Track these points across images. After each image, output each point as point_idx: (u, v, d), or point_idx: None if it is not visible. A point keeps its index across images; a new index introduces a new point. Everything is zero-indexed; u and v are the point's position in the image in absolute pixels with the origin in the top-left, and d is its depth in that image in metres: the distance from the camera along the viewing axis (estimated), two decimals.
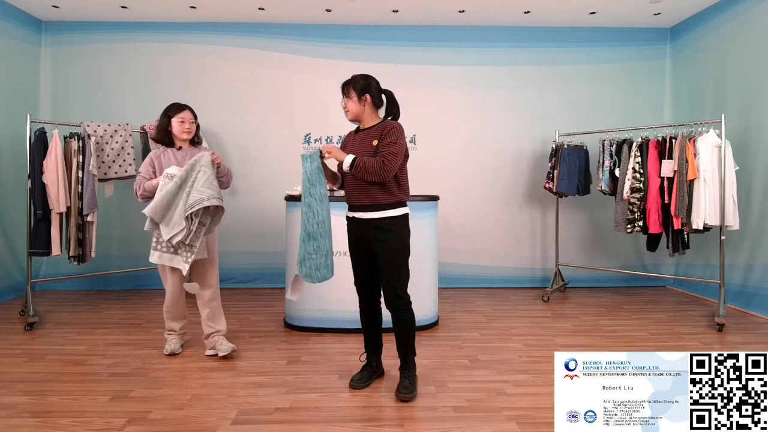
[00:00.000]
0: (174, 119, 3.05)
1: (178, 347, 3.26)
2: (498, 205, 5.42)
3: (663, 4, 4.80)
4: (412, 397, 2.56)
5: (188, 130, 3.08)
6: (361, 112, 2.59)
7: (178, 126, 3.05)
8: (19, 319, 4.01)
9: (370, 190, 2.51)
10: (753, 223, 4.27)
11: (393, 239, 2.52)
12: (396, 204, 2.54)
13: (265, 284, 5.28)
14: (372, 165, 2.42)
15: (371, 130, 2.57)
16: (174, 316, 3.25)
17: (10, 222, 4.65)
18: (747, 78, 4.38)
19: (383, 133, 2.50)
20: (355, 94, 2.56)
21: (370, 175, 2.43)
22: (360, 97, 2.56)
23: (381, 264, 2.55)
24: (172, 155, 3.08)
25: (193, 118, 3.11)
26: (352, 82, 2.59)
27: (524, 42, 5.41)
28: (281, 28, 5.32)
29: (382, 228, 2.52)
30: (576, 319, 4.14)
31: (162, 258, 3.00)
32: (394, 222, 2.53)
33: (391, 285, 2.54)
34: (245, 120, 5.31)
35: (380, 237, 2.52)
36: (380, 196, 2.51)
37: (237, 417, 2.36)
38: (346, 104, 2.60)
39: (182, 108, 3.09)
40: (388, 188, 2.52)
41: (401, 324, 2.59)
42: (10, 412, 2.40)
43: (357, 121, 2.64)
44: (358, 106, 2.57)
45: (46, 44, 5.22)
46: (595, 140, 4.78)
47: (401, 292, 2.55)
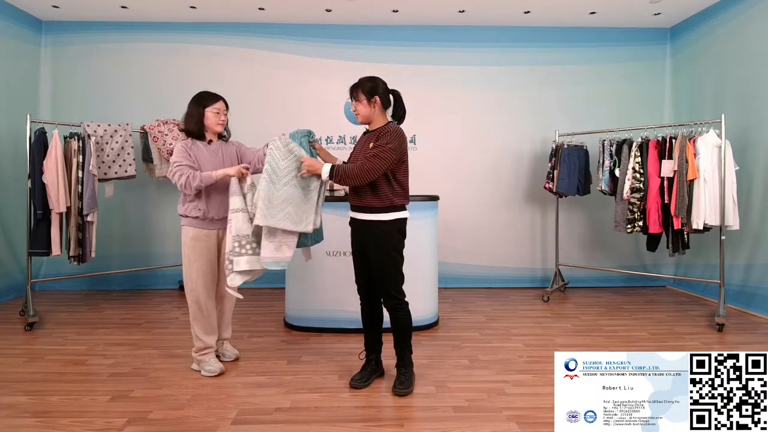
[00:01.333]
0: (209, 110, 2.84)
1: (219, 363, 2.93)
2: (498, 205, 5.42)
3: (663, 4, 4.80)
4: (408, 392, 2.59)
5: (223, 122, 2.89)
6: (371, 113, 2.60)
7: (214, 117, 2.84)
8: (19, 319, 4.01)
9: (362, 193, 2.55)
10: (753, 223, 4.27)
11: (381, 242, 2.55)
12: (387, 209, 2.54)
13: (265, 284, 5.26)
14: (351, 169, 2.46)
15: (373, 133, 2.60)
16: (213, 328, 2.93)
17: (10, 222, 4.65)
18: (747, 78, 4.38)
19: (379, 136, 2.53)
20: (364, 96, 2.57)
21: (351, 180, 2.47)
22: (369, 99, 2.58)
23: (371, 265, 2.60)
24: (204, 149, 2.85)
25: (226, 109, 2.93)
26: (360, 86, 2.60)
27: (524, 42, 5.41)
28: (281, 28, 5.32)
29: (371, 230, 2.55)
30: (576, 319, 4.14)
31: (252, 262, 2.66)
32: (384, 225, 2.55)
33: (383, 285, 2.60)
34: (245, 120, 5.29)
35: (370, 239, 2.56)
36: (371, 200, 2.54)
37: (237, 417, 2.36)
38: (356, 108, 2.61)
39: (217, 98, 2.88)
40: (379, 192, 2.52)
41: (397, 322, 2.64)
42: (10, 412, 2.40)
43: (368, 123, 2.65)
44: (368, 108, 2.59)
45: (46, 44, 5.21)
46: (595, 140, 4.78)
47: (394, 292, 2.60)
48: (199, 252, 2.81)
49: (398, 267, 2.60)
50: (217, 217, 2.83)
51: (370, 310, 2.76)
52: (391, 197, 2.54)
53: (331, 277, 3.66)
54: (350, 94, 2.64)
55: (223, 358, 3.08)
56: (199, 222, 2.81)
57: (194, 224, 2.81)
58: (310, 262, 3.55)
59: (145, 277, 5.20)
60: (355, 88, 2.62)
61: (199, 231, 2.81)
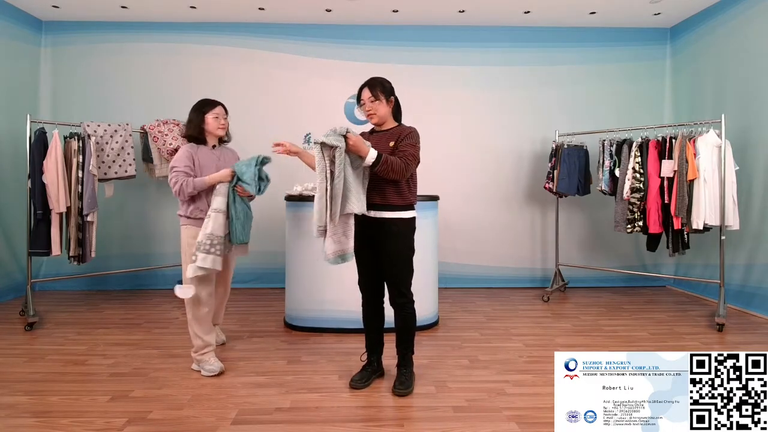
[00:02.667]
0: (209, 115, 2.94)
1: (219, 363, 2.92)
2: (498, 205, 5.42)
3: (663, 4, 4.80)
4: (408, 392, 2.60)
5: (223, 125, 2.98)
6: (388, 114, 2.61)
7: (214, 122, 2.94)
8: (19, 319, 4.01)
9: (385, 191, 2.55)
10: (753, 223, 4.27)
11: (400, 240, 2.58)
12: (406, 206, 2.59)
13: (265, 284, 5.28)
14: (397, 163, 2.45)
15: (388, 132, 2.61)
16: (210, 327, 2.94)
17: (10, 222, 4.65)
18: (747, 78, 4.38)
19: (401, 136, 2.55)
20: (383, 97, 2.57)
21: (393, 173, 2.46)
22: (388, 99, 2.59)
23: (386, 263, 2.59)
24: (209, 153, 2.95)
25: (225, 114, 3.03)
26: (379, 86, 2.57)
27: (524, 42, 5.41)
28: (281, 28, 5.32)
29: (391, 228, 2.55)
30: (576, 319, 4.14)
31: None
32: (403, 224, 2.58)
33: (395, 283, 2.60)
34: (245, 120, 5.30)
35: (388, 237, 2.56)
36: (393, 197, 2.55)
37: (237, 417, 2.36)
38: (376, 108, 2.57)
39: (216, 104, 2.98)
40: (401, 190, 2.56)
41: (403, 321, 2.64)
42: (10, 412, 2.40)
43: (382, 124, 2.64)
44: (387, 108, 2.60)
45: (46, 44, 5.21)
46: (595, 140, 4.78)
47: (405, 290, 2.61)
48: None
49: (411, 265, 2.64)
50: None
51: (373, 310, 2.76)
52: (409, 196, 2.60)
53: (331, 277, 3.65)
54: (366, 93, 2.57)
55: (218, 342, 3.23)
56: (200, 222, 2.85)
57: (197, 224, 2.86)
58: (311, 263, 3.56)
59: (145, 277, 5.20)
60: (373, 88, 2.56)
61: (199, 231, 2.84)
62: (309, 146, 2.60)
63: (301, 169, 5.36)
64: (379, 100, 2.57)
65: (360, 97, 2.62)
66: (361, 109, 2.67)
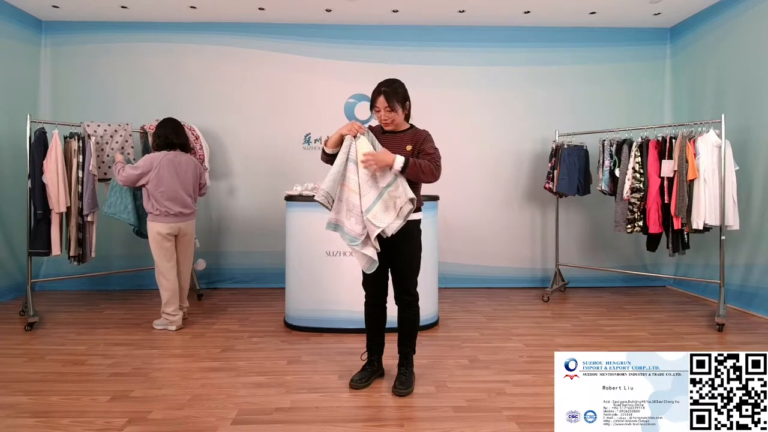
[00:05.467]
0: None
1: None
2: (498, 205, 5.42)
3: (663, 4, 4.80)
4: (408, 392, 2.60)
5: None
6: (402, 119, 2.60)
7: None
8: (19, 319, 4.01)
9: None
10: (753, 223, 4.27)
11: (413, 241, 2.63)
12: (418, 209, 2.63)
13: (265, 284, 5.28)
14: (427, 166, 2.47)
15: (403, 134, 2.60)
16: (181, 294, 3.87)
17: (10, 222, 4.65)
18: (747, 78, 4.38)
19: (419, 140, 2.55)
20: (399, 105, 2.51)
21: (424, 175, 2.47)
22: (404, 107, 2.56)
23: (402, 262, 2.62)
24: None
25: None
26: (395, 96, 2.49)
27: (524, 42, 5.41)
28: (281, 28, 5.32)
29: (408, 229, 2.56)
30: (576, 319, 4.14)
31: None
32: (414, 225, 2.62)
33: (405, 283, 2.64)
34: (245, 120, 5.31)
35: (405, 238, 2.57)
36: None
37: (237, 417, 2.36)
38: (393, 118, 2.52)
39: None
40: (417, 192, 2.60)
41: (407, 319, 2.67)
42: (10, 412, 2.40)
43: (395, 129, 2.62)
44: (402, 115, 2.58)
45: (46, 44, 5.21)
46: (595, 140, 4.77)
47: (413, 289, 2.66)
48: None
49: (420, 264, 2.69)
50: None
51: (377, 311, 2.76)
52: (421, 197, 2.66)
53: (331, 277, 3.66)
54: (383, 102, 2.49)
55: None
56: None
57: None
58: (311, 263, 3.56)
59: (145, 277, 5.19)
60: (389, 98, 2.47)
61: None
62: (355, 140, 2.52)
63: (301, 169, 5.38)
64: (395, 111, 2.52)
65: (374, 103, 2.54)
66: (376, 115, 2.59)
